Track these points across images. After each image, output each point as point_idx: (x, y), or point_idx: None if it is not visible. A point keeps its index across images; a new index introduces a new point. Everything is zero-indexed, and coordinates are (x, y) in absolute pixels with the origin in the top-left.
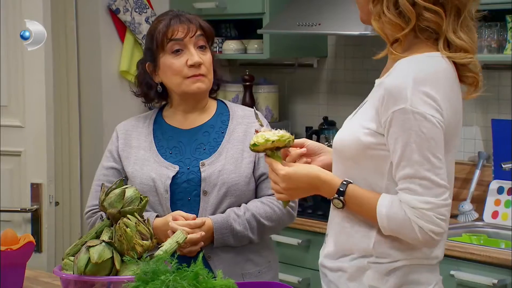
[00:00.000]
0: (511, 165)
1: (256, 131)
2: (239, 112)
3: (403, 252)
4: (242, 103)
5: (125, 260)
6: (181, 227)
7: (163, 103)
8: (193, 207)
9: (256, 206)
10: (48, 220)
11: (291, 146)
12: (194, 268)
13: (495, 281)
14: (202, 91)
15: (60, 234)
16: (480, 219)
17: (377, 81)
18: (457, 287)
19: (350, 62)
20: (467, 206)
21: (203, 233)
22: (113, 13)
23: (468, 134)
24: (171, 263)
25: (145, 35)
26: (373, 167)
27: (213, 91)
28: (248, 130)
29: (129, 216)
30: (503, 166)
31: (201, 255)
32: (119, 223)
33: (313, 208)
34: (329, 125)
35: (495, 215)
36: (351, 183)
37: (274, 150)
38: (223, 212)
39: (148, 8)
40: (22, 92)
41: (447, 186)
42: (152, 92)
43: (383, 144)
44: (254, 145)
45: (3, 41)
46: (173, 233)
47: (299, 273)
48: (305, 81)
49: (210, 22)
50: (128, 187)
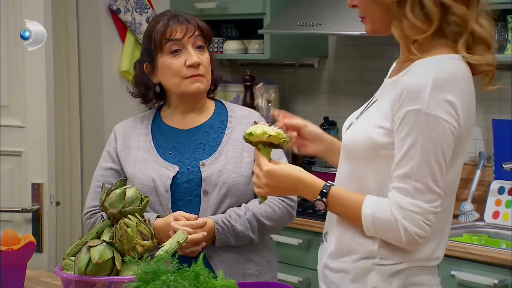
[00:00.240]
0: (511, 165)
1: (255, 122)
2: (237, 112)
3: (407, 253)
4: (243, 103)
5: (126, 260)
6: (183, 227)
7: (161, 103)
8: (193, 207)
9: (257, 206)
10: (49, 220)
11: (283, 148)
12: (195, 268)
13: (496, 281)
14: (201, 91)
15: (61, 234)
16: (481, 219)
17: (387, 79)
18: (458, 287)
19: (351, 62)
20: (468, 206)
21: (205, 233)
22: (114, 13)
23: None
24: (172, 263)
25: None
26: (384, 167)
27: (210, 91)
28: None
29: (130, 216)
30: (504, 166)
31: (202, 255)
32: (120, 223)
33: (314, 208)
34: (329, 125)
35: (496, 215)
36: (333, 185)
37: (267, 146)
38: (223, 212)
39: (149, 8)
40: (23, 92)
41: (440, 194)
42: (151, 93)
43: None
44: (250, 134)
45: (4, 41)
46: (175, 233)
47: (300, 273)
48: (305, 81)
49: (211, 22)
50: (129, 187)
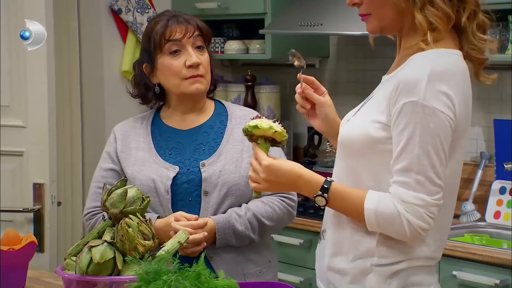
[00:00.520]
0: None
1: (258, 116)
2: (237, 112)
3: (405, 252)
4: (244, 103)
5: (127, 260)
6: (183, 227)
7: (161, 103)
8: (194, 207)
9: (257, 206)
10: (50, 220)
11: (282, 146)
12: (196, 268)
13: (497, 281)
14: (201, 92)
15: (62, 234)
16: (482, 219)
17: (385, 77)
18: (459, 287)
19: (352, 62)
20: (469, 206)
21: (205, 233)
22: (115, 13)
23: (470, 134)
24: (173, 263)
25: None
26: (381, 162)
27: (210, 91)
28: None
29: (131, 216)
30: (505, 166)
31: (203, 255)
32: (121, 223)
33: (315, 208)
34: None
35: (497, 215)
36: (334, 181)
37: (267, 142)
38: (224, 212)
39: (150, 8)
40: (24, 92)
41: (442, 186)
42: (150, 94)
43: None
44: (256, 127)
45: (5, 41)
46: (175, 234)
47: (301, 273)
48: None
49: (212, 22)
50: (130, 187)
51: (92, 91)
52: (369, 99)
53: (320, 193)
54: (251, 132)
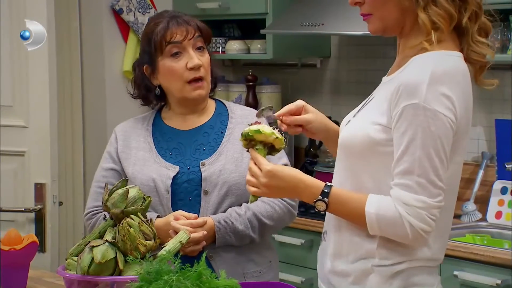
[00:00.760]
0: None
1: (257, 122)
2: (238, 111)
3: (406, 253)
4: (245, 103)
5: (129, 260)
6: (183, 226)
7: (162, 104)
8: (194, 207)
9: (257, 205)
10: (52, 220)
11: (277, 153)
12: (197, 268)
13: (499, 281)
14: (202, 97)
15: (64, 234)
16: (484, 219)
17: (385, 78)
18: (461, 287)
19: (354, 62)
20: (470, 206)
21: (205, 232)
22: (116, 13)
23: (472, 134)
24: (174, 263)
25: None
26: (381, 164)
27: (210, 90)
28: (249, 123)
29: (132, 216)
30: (506, 166)
31: (204, 255)
32: (122, 223)
33: None
34: None
35: (498, 215)
36: (333, 186)
37: (266, 148)
38: (224, 212)
39: (151, 8)
40: (26, 92)
41: (443, 188)
42: (151, 95)
43: (393, 140)
44: (258, 131)
45: (7, 41)
46: (175, 233)
47: (302, 273)
48: (308, 81)
49: (213, 22)
50: (132, 187)
51: (94, 91)
52: (369, 101)
53: (320, 198)
54: (251, 137)
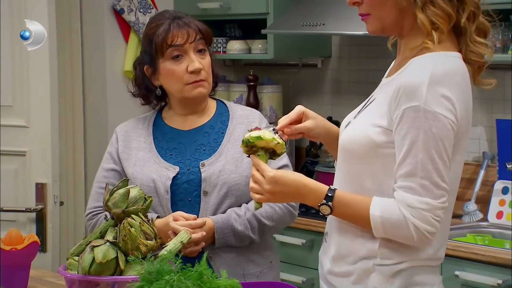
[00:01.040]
0: None
1: (257, 128)
2: (239, 112)
3: (408, 253)
4: (246, 103)
5: (130, 260)
6: (182, 227)
7: (163, 104)
8: (193, 207)
9: None
10: (53, 220)
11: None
12: (198, 268)
13: (500, 281)
14: (203, 95)
15: (65, 234)
16: (485, 219)
17: (385, 79)
18: (462, 287)
19: (354, 62)
20: (471, 206)
21: (204, 233)
22: (118, 13)
23: (473, 134)
24: (175, 263)
25: None
26: (382, 166)
27: (211, 90)
28: (248, 129)
29: (133, 216)
30: (507, 166)
31: (205, 255)
32: (123, 223)
33: None
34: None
35: (499, 215)
36: (337, 189)
37: (267, 153)
38: (223, 213)
39: (153, 8)
40: (27, 92)
41: (447, 189)
42: (152, 96)
43: (394, 142)
44: (259, 138)
45: (8, 41)
46: (174, 233)
47: (303, 273)
48: (309, 81)
49: (214, 22)
50: (133, 187)
51: (95, 91)
52: (369, 102)
53: (324, 202)
54: (252, 143)
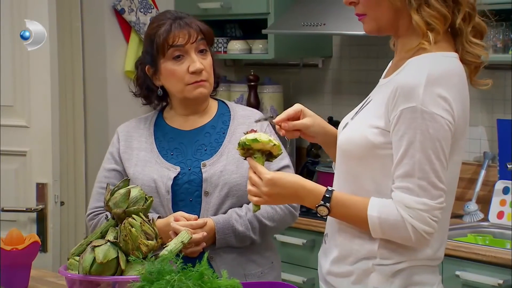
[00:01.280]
0: None
1: (253, 130)
2: (240, 112)
3: (407, 253)
4: (247, 103)
5: (130, 260)
6: (183, 227)
7: (164, 104)
8: (194, 208)
9: None
10: (53, 220)
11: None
12: (199, 268)
13: (500, 281)
14: (204, 95)
15: (66, 234)
16: (486, 219)
17: (382, 80)
18: (462, 287)
19: (355, 62)
20: (472, 206)
21: (205, 233)
22: (118, 13)
23: (474, 134)
24: (176, 263)
25: None
26: (380, 166)
27: (212, 90)
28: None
29: (134, 216)
30: (508, 166)
31: (206, 255)
32: (124, 223)
33: None
34: (334, 125)
35: (500, 215)
36: (334, 190)
37: (264, 155)
38: (224, 213)
39: (153, 8)
40: (27, 92)
41: (444, 190)
42: (153, 96)
43: (391, 143)
44: (255, 140)
45: (8, 41)
46: (175, 234)
47: (304, 273)
48: (310, 81)
49: (215, 22)
50: (133, 187)
51: (95, 91)
52: (367, 103)
53: (322, 203)
54: (249, 146)
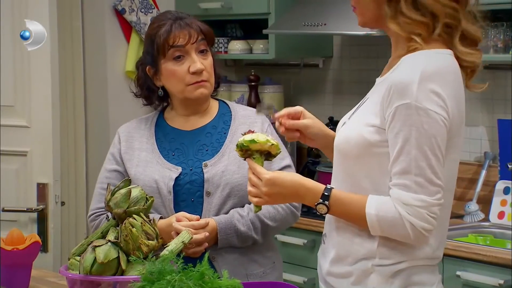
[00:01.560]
0: None
1: (250, 131)
2: (241, 112)
3: (406, 253)
4: (247, 103)
5: (131, 260)
6: (185, 228)
7: (165, 104)
8: (196, 208)
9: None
10: (54, 220)
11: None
12: (199, 268)
13: (501, 281)
14: (205, 96)
15: (66, 234)
16: (486, 219)
17: (378, 79)
18: (463, 287)
19: (356, 62)
20: (473, 206)
21: (207, 233)
22: (119, 13)
23: (474, 134)
24: (177, 263)
25: None
26: (377, 165)
27: (213, 90)
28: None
29: (135, 216)
30: (509, 166)
31: (206, 255)
32: (125, 223)
33: None
34: (334, 125)
35: (501, 215)
36: (333, 188)
37: (263, 155)
38: (226, 213)
39: (154, 8)
40: (28, 92)
41: (441, 186)
42: (154, 96)
43: (387, 141)
44: (252, 141)
45: (9, 41)
46: (177, 234)
47: (305, 273)
48: (310, 81)
49: (216, 22)
50: (134, 187)
51: (96, 91)
52: (364, 102)
53: (321, 201)
54: (247, 147)
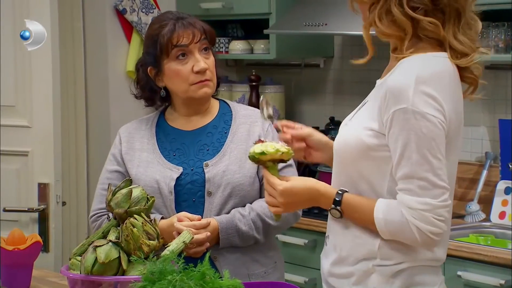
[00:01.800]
0: None
1: (261, 140)
2: (242, 111)
3: (407, 254)
4: (248, 103)
5: (132, 260)
6: (186, 228)
7: (166, 104)
8: (197, 208)
9: (261, 206)
10: (55, 220)
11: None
12: (200, 268)
13: (502, 281)
14: (208, 95)
15: (67, 234)
16: (487, 219)
17: (379, 81)
18: (464, 287)
19: None
20: (474, 206)
21: (208, 233)
22: (120, 13)
23: (475, 134)
24: (178, 263)
25: None
26: (375, 168)
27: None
28: (252, 129)
29: (135, 216)
30: (510, 166)
31: (207, 255)
32: (126, 223)
33: (319, 208)
34: (335, 125)
35: (502, 215)
36: (346, 191)
37: (276, 163)
38: (228, 213)
39: (155, 8)
40: (29, 92)
41: (446, 187)
42: (156, 97)
43: (385, 145)
44: (263, 153)
45: (10, 41)
46: (178, 234)
47: (305, 273)
48: (311, 81)
49: (217, 22)
50: (135, 187)
51: (97, 91)
52: (364, 104)
53: (333, 206)
54: (258, 159)
